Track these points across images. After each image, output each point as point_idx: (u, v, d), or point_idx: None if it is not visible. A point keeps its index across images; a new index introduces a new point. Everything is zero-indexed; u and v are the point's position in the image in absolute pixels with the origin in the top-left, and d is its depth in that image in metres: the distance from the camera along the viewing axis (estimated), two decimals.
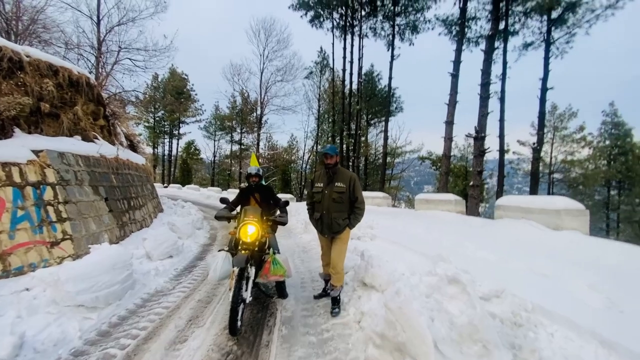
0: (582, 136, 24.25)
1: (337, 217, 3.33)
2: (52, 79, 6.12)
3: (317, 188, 3.47)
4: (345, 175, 3.42)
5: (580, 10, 14.87)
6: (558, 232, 5.11)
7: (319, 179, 3.52)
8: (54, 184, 4.80)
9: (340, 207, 3.35)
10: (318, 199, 3.45)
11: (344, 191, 3.34)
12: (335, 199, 3.33)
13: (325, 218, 3.37)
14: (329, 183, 3.39)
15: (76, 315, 3.15)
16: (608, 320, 2.44)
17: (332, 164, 3.39)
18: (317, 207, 3.48)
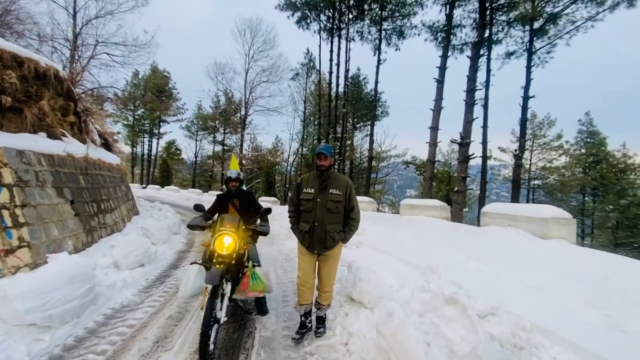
0: (560, 144, 25.04)
1: (332, 229, 2.84)
2: (16, 70, 5.61)
3: (307, 194, 2.91)
4: (341, 181, 2.93)
5: (561, 21, 15.32)
6: (546, 241, 5.04)
7: (308, 184, 2.95)
8: (11, 185, 4.33)
9: (336, 218, 2.87)
10: (308, 208, 2.90)
11: (340, 199, 2.85)
12: (330, 208, 2.83)
13: (317, 231, 2.82)
14: (322, 189, 2.85)
15: (26, 336, 2.75)
16: (612, 342, 2.29)
17: (325, 166, 2.86)
18: (306, 217, 2.92)
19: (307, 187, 2.94)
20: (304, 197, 2.94)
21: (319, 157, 2.88)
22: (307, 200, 2.91)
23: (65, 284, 3.17)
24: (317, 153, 2.89)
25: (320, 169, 2.90)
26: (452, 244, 5.33)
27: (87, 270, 3.52)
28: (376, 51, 19.86)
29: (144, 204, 12.61)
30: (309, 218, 2.88)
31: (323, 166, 2.87)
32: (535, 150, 25.27)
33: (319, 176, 2.92)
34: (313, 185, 2.91)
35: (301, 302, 2.97)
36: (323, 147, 2.92)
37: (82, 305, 3.31)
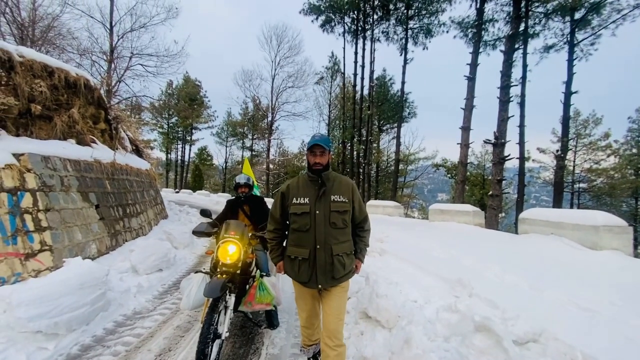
0: (608, 144, 22.91)
1: (340, 251, 2.06)
2: (47, 80, 5.85)
3: (299, 207, 2.08)
4: (345, 184, 2.18)
5: (605, 10, 14.02)
6: (598, 252, 4.41)
7: (298, 192, 2.14)
8: (35, 189, 4.44)
9: (344, 235, 2.10)
10: (303, 226, 2.07)
11: (347, 208, 2.09)
12: (335, 223, 2.05)
13: (320, 257, 2.02)
14: (321, 197, 2.07)
15: (30, 344, 2.70)
16: None
17: (322, 164, 2.11)
18: (301, 238, 2.08)
19: (298, 196, 2.11)
20: (295, 210, 2.09)
21: (314, 151, 2.11)
22: (301, 215, 2.07)
23: (75, 290, 3.12)
24: (312, 146, 2.11)
25: (314, 169, 2.10)
26: (485, 253, 4.83)
27: (99, 276, 3.48)
28: (402, 51, 19.31)
29: (174, 208, 12.94)
30: (306, 240, 2.06)
31: (319, 165, 2.09)
32: (579, 150, 23.32)
33: (313, 180, 2.13)
34: (306, 193, 2.10)
35: (308, 344, 2.40)
36: (319, 138, 2.12)
37: (92, 312, 3.26)
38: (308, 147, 2.15)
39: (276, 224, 2.27)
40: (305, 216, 2.06)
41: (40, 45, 13.18)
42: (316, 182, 2.11)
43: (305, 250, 2.05)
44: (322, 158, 2.11)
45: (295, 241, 2.13)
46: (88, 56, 15.17)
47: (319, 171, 2.10)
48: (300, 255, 2.07)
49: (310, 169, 2.14)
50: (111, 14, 15.59)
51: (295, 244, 2.13)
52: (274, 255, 2.29)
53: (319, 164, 2.10)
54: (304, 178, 2.20)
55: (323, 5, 20.29)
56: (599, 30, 14.55)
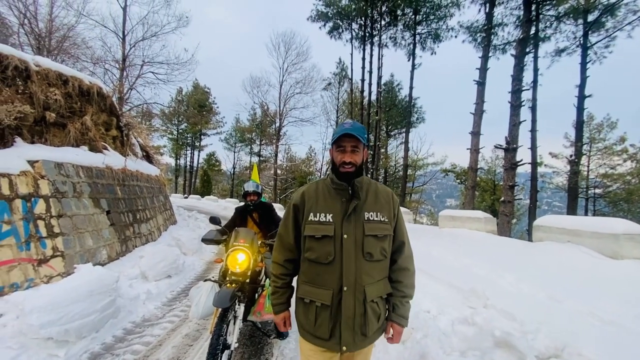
0: (624, 148, 22.35)
1: (376, 295, 1.43)
2: (61, 88, 5.96)
3: (320, 227, 1.42)
4: (384, 195, 1.52)
5: (620, 12, 13.77)
6: (618, 262, 4.25)
7: (317, 204, 1.47)
8: (48, 196, 4.50)
9: (381, 271, 1.46)
10: (323, 256, 1.41)
11: (388, 232, 1.46)
12: (371, 253, 1.40)
13: (348, 304, 1.37)
14: (350, 214, 1.41)
15: (41, 351, 2.70)
16: None
17: (355, 165, 1.44)
18: (321, 274, 1.42)
19: (317, 211, 1.44)
20: (312, 231, 1.42)
21: (342, 146, 1.43)
22: (322, 240, 1.40)
23: (85, 297, 3.12)
24: (340, 137, 1.41)
25: (343, 173, 1.43)
26: (499, 262, 4.70)
27: (109, 283, 3.48)
28: (410, 56, 19.29)
29: (183, 214, 13.03)
30: (327, 277, 1.39)
31: (350, 166, 1.42)
32: (593, 155, 22.81)
33: (340, 189, 1.45)
34: (330, 208, 1.43)
35: None
36: (350, 125, 1.42)
37: (102, 319, 3.25)
38: (334, 139, 1.43)
39: (287, 252, 1.54)
40: (328, 242, 1.38)
41: (56, 54, 13.55)
42: (345, 192, 1.43)
43: (326, 293, 1.37)
44: (355, 156, 1.42)
45: (311, 278, 1.43)
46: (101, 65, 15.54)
47: (349, 176, 1.41)
48: (318, 300, 1.38)
49: (337, 172, 1.45)
50: (124, 24, 15.98)
51: (310, 282, 1.43)
52: (278, 301, 1.56)
53: (350, 165, 1.41)
54: (326, 185, 1.50)
55: (331, 12, 20.44)
56: (614, 33, 14.29)
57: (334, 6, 20.08)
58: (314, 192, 1.51)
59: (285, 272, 1.57)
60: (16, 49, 6.24)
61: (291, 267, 1.57)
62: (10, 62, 5.08)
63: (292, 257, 1.55)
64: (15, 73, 5.14)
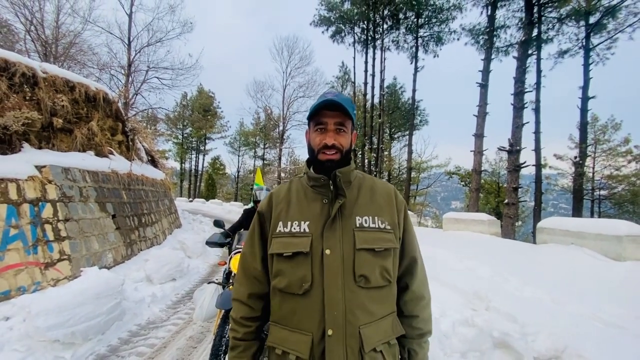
0: (628, 149, 22.13)
1: (379, 340, 0.94)
2: (68, 94, 6.08)
3: (290, 240, 0.97)
4: (382, 192, 1.08)
5: (621, 14, 13.75)
6: (621, 264, 4.22)
7: (288, 210, 1.03)
8: (55, 200, 4.59)
9: (384, 303, 0.99)
10: (295, 283, 0.94)
11: (391, 244, 0.99)
12: (366, 276, 0.93)
13: (337, 355, 0.88)
14: (333, 219, 0.97)
15: (47, 353, 2.75)
16: None
17: (339, 150, 1.00)
18: (293, 312, 0.95)
19: (289, 217, 1.02)
20: (280, 247, 0.98)
21: (321, 122, 1.00)
22: (293, 259, 0.96)
23: (91, 300, 3.18)
24: (319, 109, 0.99)
25: (324, 159, 1.01)
26: (503, 264, 4.69)
27: (114, 286, 3.53)
28: (413, 59, 19.33)
29: (187, 217, 13.13)
30: (305, 314, 0.93)
31: (333, 152, 1.00)
32: (598, 156, 22.61)
33: (319, 186, 1.03)
34: (306, 212, 1.01)
35: None
36: (334, 94, 0.99)
37: (108, 322, 3.30)
38: (310, 113, 1.02)
39: (253, 283, 1.07)
40: (303, 261, 0.94)
41: (63, 61, 13.79)
42: (326, 189, 1.01)
43: (303, 340, 0.92)
44: (341, 137, 1.00)
45: (282, 317, 0.98)
46: (107, 70, 15.79)
47: (332, 165, 0.99)
48: (293, 351, 0.92)
49: (315, 161, 1.04)
50: (129, 30, 16.22)
51: (281, 323, 0.98)
52: (243, 355, 1.04)
53: (333, 150, 0.99)
54: (302, 184, 1.10)
55: (333, 16, 20.59)
56: (615, 34, 14.26)
57: (337, 10, 20.23)
58: (286, 194, 1.07)
59: (249, 315, 1.05)
60: (23, 55, 6.38)
61: (259, 306, 1.06)
62: (18, 69, 5.20)
63: (261, 290, 1.05)
64: (23, 80, 5.26)
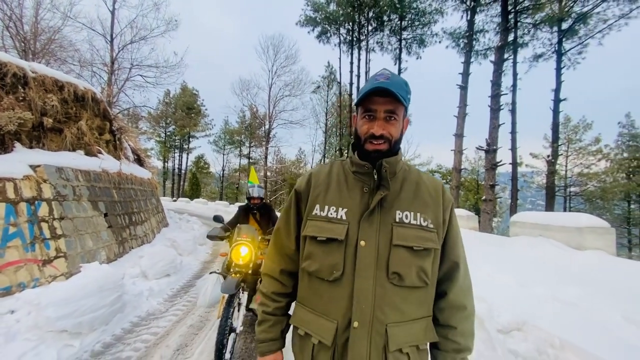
0: (598, 148, 23.51)
1: (406, 342, 0.90)
2: (57, 94, 6.10)
3: (326, 226, 0.95)
4: (430, 189, 1.01)
5: (591, 20, 14.64)
6: (581, 253, 4.71)
7: (327, 194, 0.99)
8: (50, 199, 4.68)
9: (416, 305, 0.94)
10: (326, 269, 0.93)
11: (432, 245, 0.93)
12: (400, 274, 0.90)
13: (358, 348, 0.88)
14: (373, 210, 0.93)
15: (57, 342, 2.92)
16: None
17: (389, 140, 0.95)
18: (321, 296, 0.95)
19: (327, 201, 0.98)
20: (315, 231, 0.96)
21: (371, 110, 0.94)
22: (327, 245, 0.94)
23: (95, 293, 3.35)
24: (369, 94, 0.91)
25: (371, 149, 0.95)
26: (478, 255, 5.10)
27: (115, 280, 3.70)
28: (397, 61, 19.87)
29: (174, 216, 13.13)
30: (333, 301, 0.93)
31: (382, 141, 0.94)
32: (570, 155, 23.89)
33: (362, 173, 0.99)
34: (345, 199, 0.98)
35: None
36: (387, 78, 0.92)
37: (111, 313, 3.47)
38: (359, 98, 0.95)
39: (286, 260, 1.08)
40: (336, 249, 0.93)
41: (42, 57, 13.46)
42: (368, 178, 0.98)
43: (327, 326, 0.92)
44: (391, 126, 0.95)
45: (309, 299, 0.99)
46: (88, 67, 15.50)
47: (377, 156, 0.95)
48: (316, 335, 0.94)
49: (361, 149, 0.99)
50: (112, 27, 15.97)
51: (308, 305, 0.99)
52: (266, 335, 1.07)
53: (381, 140, 0.94)
54: (344, 168, 1.05)
55: (319, 17, 20.85)
56: (586, 40, 15.16)
57: (322, 11, 20.50)
58: (326, 177, 1.04)
59: (280, 291, 1.08)
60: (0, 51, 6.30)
61: (291, 283, 1.08)
62: (9, 69, 5.23)
63: (293, 268, 1.07)
64: (14, 80, 5.29)
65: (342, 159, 1.10)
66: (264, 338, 1.06)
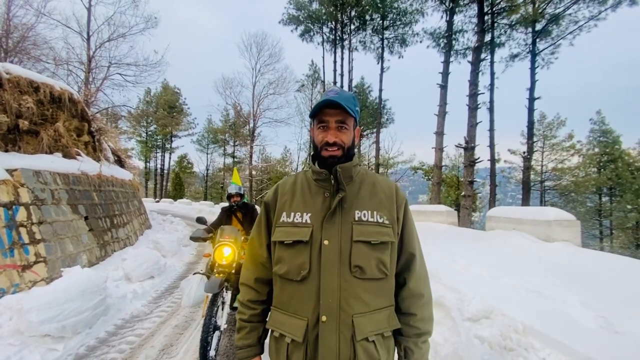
0: (572, 144, 24.58)
1: (371, 331, 0.99)
2: (33, 95, 5.96)
3: (292, 230, 1.05)
4: (383, 188, 1.13)
5: (563, 22, 15.29)
6: (549, 244, 5.01)
7: (292, 202, 1.11)
8: (28, 204, 4.60)
9: (380, 294, 1.04)
10: (294, 270, 1.02)
11: (388, 238, 1.03)
12: (362, 267, 0.99)
13: (328, 342, 0.97)
14: (333, 212, 1.04)
15: (40, 346, 2.93)
16: (603, 342, 2.31)
17: (342, 147, 1.07)
18: (291, 297, 1.04)
19: (293, 208, 1.10)
20: (282, 236, 1.06)
21: (324, 121, 1.07)
22: (293, 247, 1.04)
23: (78, 296, 3.35)
24: (321, 108, 1.05)
25: (326, 156, 1.07)
26: (454, 249, 5.35)
27: (98, 283, 3.71)
28: (379, 59, 20.14)
29: (157, 218, 12.95)
30: (302, 300, 1.02)
31: (335, 148, 1.06)
32: (546, 151, 24.86)
33: (321, 180, 1.10)
34: (309, 205, 1.09)
35: None
36: (336, 93, 1.05)
37: (94, 316, 3.48)
38: (313, 112, 1.07)
39: (259, 268, 1.16)
40: (302, 250, 1.02)
41: (14, 55, 12.96)
42: (327, 183, 1.08)
43: (298, 324, 1.00)
44: (342, 134, 1.07)
45: (281, 302, 1.08)
46: (64, 66, 14.99)
47: (333, 162, 1.06)
48: (289, 334, 1.00)
49: (319, 157, 1.10)
50: (88, 24, 15.50)
51: (281, 308, 1.07)
52: (243, 342, 1.14)
53: (335, 147, 1.05)
54: (307, 178, 1.16)
55: (302, 15, 20.87)
56: (558, 40, 15.85)
57: (305, 10, 20.53)
58: (291, 186, 1.16)
59: (255, 298, 1.14)
60: None
61: (265, 291, 1.15)
62: None
63: (266, 275, 1.14)
64: None
65: (305, 170, 1.21)
66: (242, 345, 1.14)
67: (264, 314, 1.15)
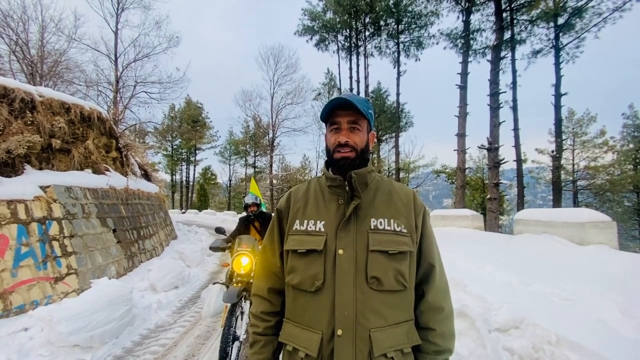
0: (604, 140, 23.15)
1: (390, 346, 0.92)
2: (64, 116, 6.33)
3: (305, 238, 1.00)
4: (400, 195, 1.07)
5: (587, 14, 14.61)
6: (583, 248, 4.69)
7: (306, 209, 1.06)
8: (60, 218, 4.85)
9: (396, 309, 0.96)
10: (307, 280, 0.97)
11: (407, 248, 0.98)
12: (379, 278, 0.93)
13: (345, 356, 0.90)
14: (348, 219, 0.99)
15: (69, 356, 3.04)
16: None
17: (354, 149, 1.02)
18: (305, 309, 0.98)
19: (306, 216, 1.05)
20: (295, 244, 1.02)
21: (335, 122, 1.03)
22: (307, 256, 0.99)
23: (105, 307, 3.47)
24: (333, 109, 1.02)
25: (339, 158, 1.02)
26: (481, 254, 5.12)
27: (124, 294, 3.82)
28: (395, 64, 19.99)
29: (182, 228, 13.30)
30: (316, 312, 0.96)
31: (348, 150, 1.01)
32: (576, 149, 23.59)
33: (335, 187, 1.05)
34: (323, 212, 1.04)
35: None
36: (348, 95, 1.01)
37: (121, 326, 3.59)
38: (324, 113, 1.04)
39: (273, 278, 1.11)
40: (316, 259, 0.98)
41: (49, 79, 13.89)
42: (341, 189, 1.03)
43: (313, 337, 0.94)
44: (355, 135, 1.02)
45: (295, 314, 1.02)
46: (94, 87, 15.93)
47: (347, 164, 1.02)
48: (303, 348, 0.95)
49: (332, 161, 1.06)
50: (115, 47, 16.44)
51: (294, 320, 1.02)
52: (257, 356, 1.08)
53: (347, 148, 1.01)
54: (320, 184, 1.12)
55: (316, 25, 21.16)
56: (583, 34, 15.12)
57: (319, 20, 20.80)
58: (304, 193, 1.11)
59: (269, 310, 1.09)
60: (7, 76, 6.54)
61: (279, 302, 1.09)
62: (17, 94, 5.46)
63: (280, 285, 1.08)
64: (22, 105, 5.52)
65: (318, 176, 1.18)
66: (261, 335, 1.08)
67: (279, 327, 1.08)
